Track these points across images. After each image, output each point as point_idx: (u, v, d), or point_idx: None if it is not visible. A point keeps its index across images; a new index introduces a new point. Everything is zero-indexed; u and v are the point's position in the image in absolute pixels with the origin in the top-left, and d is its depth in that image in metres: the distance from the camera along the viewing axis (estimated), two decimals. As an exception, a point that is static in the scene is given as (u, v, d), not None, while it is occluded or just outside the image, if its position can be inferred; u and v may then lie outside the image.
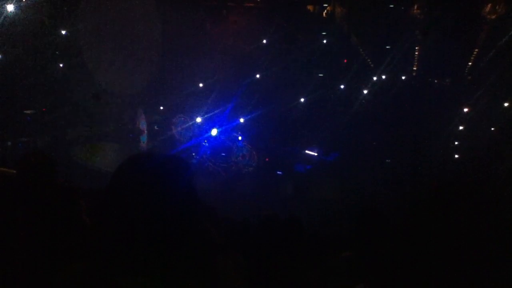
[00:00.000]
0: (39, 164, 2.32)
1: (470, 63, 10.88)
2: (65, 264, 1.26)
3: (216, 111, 11.41)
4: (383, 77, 11.72)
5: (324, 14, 11.37)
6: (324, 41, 11.81)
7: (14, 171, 2.44)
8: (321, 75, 11.88)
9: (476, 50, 10.63)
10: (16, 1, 8.61)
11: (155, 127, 11.54)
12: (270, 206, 8.16)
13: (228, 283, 1.54)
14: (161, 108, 11.68)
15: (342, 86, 12.00)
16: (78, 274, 1.16)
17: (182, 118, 11.50)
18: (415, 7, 10.66)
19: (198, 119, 11.22)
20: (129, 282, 1.12)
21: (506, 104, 10.59)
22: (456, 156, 10.52)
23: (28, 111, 10.02)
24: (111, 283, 1.11)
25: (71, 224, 2.12)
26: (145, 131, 11.02)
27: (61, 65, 10.21)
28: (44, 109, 10.09)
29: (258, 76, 11.69)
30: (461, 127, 10.81)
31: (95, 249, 1.19)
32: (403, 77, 11.56)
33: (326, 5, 11.37)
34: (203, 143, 11.22)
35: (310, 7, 11.50)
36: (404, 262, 1.19)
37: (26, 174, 2.31)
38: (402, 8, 10.88)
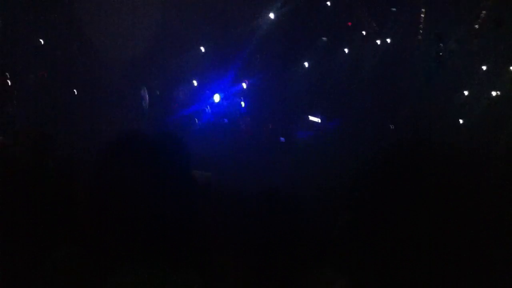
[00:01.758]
0: (32, 139, 2.26)
1: (476, 26, 10.68)
2: (62, 261, 1.23)
3: (218, 76, 11.31)
4: (388, 40, 11.52)
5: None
6: (328, 3, 11.56)
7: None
8: (325, 38, 11.69)
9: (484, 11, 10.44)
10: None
11: (157, 92, 11.42)
12: (272, 174, 8.19)
13: (228, 283, 1.53)
14: (162, 72, 11.54)
15: (346, 50, 11.81)
16: (77, 273, 1.15)
17: (184, 83, 11.40)
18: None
19: (199, 84, 11.14)
20: (129, 282, 1.12)
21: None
22: (461, 120, 10.45)
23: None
24: (110, 282, 1.11)
25: (65, 214, 2.08)
26: (147, 97, 10.93)
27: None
28: (41, 74, 9.90)
29: (260, 40, 11.49)
30: (466, 92, 10.71)
31: (94, 248, 1.17)
32: (408, 41, 11.36)
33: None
34: (206, 109, 11.15)
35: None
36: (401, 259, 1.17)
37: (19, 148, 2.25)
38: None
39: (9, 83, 9.26)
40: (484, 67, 10.05)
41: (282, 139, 11.59)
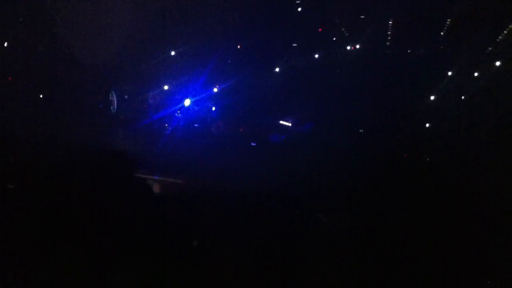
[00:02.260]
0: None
1: (443, 33, 10.93)
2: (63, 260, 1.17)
3: (188, 81, 11.20)
4: (358, 46, 11.69)
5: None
6: (299, 9, 11.64)
7: None
8: (295, 45, 11.76)
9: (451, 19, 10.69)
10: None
11: (125, 96, 11.26)
12: (244, 177, 8.14)
13: (228, 283, 1.48)
14: (132, 77, 11.37)
15: (316, 56, 11.91)
16: (78, 272, 1.10)
17: (153, 88, 11.26)
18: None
19: (169, 88, 11.02)
20: (129, 281, 1.07)
21: (476, 74, 10.72)
22: (428, 125, 10.65)
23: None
24: (111, 281, 1.06)
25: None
26: (115, 101, 10.74)
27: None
28: (10, 78, 9.64)
29: (232, 44, 11.47)
30: (432, 97, 10.92)
31: (94, 247, 1.11)
32: (379, 46, 11.55)
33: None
34: (176, 114, 11.02)
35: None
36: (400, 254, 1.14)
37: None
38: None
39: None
40: (454, 72, 10.30)
41: (253, 143, 11.56)
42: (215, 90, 11.55)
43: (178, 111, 11.10)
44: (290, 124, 12.05)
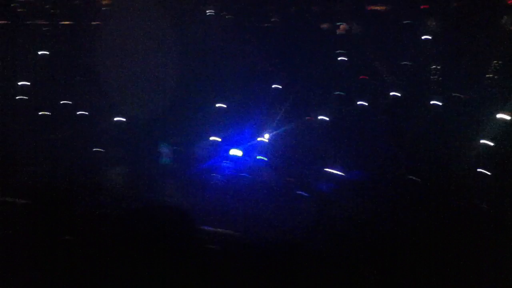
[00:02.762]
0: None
1: (488, 75, 10.76)
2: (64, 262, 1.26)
3: (238, 130, 11.41)
4: (401, 93, 11.65)
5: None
6: (345, 58, 11.80)
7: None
8: (343, 93, 11.86)
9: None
10: None
11: (174, 147, 11.56)
12: (293, 227, 8.08)
13: (228, 283, 1.52)
14: (182, 128, 11.73)
15: (360, 103, 11.95)
16: (78, 273, 1.18)
17: (203, 138, 11.52)
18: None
19: (218, 139, 11.24)
20: (129, 281, 1.14)
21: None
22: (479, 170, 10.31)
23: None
24: (111, 282, 1.14)
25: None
26: (167, 153, 11.07)
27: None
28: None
29: (279, 94, 11.70)
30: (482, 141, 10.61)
31: (95, 248, 1.20)
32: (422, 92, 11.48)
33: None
34: (224, 163, 11.17)
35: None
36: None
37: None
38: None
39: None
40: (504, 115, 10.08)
41: (302, 193, 11.40)
42: (264, 139, 11.68)
43: (228, 161, 11.24)
44: (338, 172, 11.90)
